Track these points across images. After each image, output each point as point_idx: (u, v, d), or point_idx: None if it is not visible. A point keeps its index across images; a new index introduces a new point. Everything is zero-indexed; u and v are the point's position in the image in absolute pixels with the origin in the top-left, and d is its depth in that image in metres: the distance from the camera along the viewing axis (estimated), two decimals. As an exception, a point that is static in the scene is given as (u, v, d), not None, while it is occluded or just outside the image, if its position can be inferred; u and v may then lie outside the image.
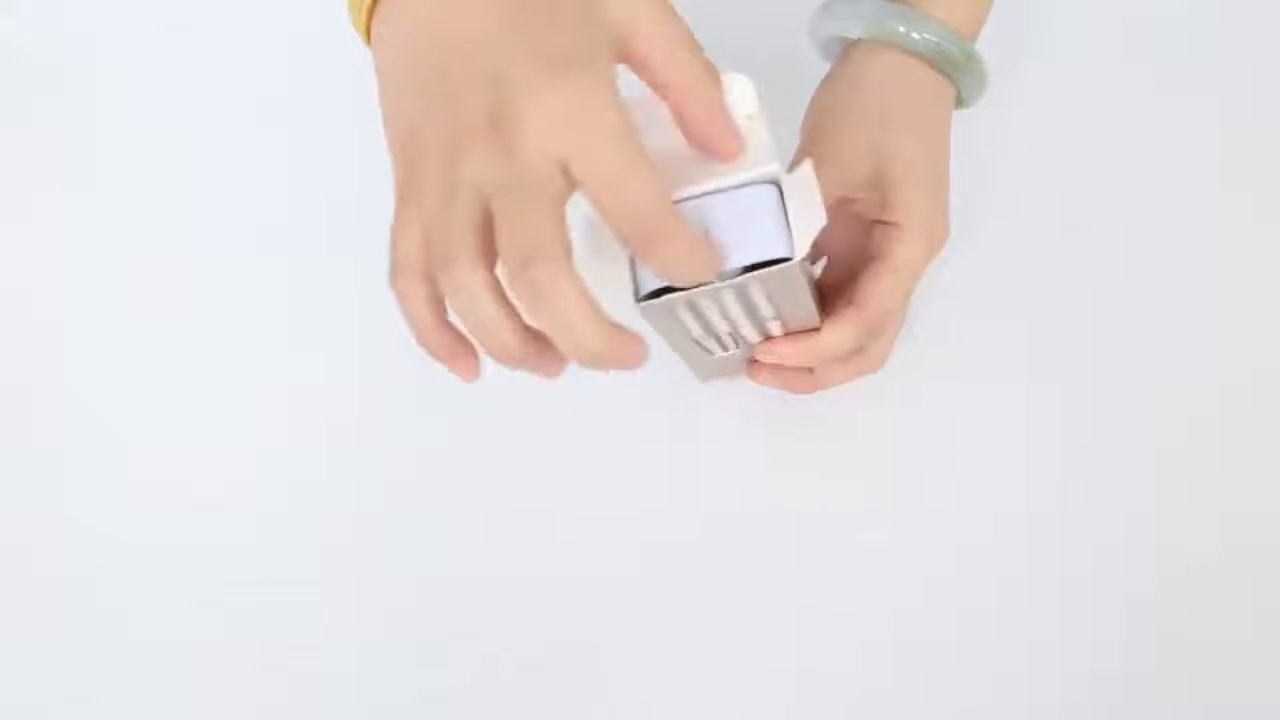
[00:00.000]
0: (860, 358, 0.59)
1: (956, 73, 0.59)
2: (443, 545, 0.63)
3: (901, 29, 0.58)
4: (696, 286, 0.47)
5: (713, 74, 0.45)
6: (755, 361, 0.59)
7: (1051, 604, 0.60)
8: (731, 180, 0.47)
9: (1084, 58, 0.71)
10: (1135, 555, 0.61)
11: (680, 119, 0.45)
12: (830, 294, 0.58)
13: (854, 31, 0.60)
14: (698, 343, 0.55)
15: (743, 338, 0.56)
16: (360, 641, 0.61)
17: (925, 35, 0.58)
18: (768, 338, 0.57)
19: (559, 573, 0.61)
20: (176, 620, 0.62)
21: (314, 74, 0.72)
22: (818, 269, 0.61)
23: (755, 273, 0.47)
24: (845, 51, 0.60)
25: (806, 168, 0.48)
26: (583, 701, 0.60)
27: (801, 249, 0.47)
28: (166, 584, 0.63)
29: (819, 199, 0.47)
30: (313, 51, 0.71)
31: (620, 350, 0.42)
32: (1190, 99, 0.69)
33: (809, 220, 0.47)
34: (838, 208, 0.57)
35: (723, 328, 0.54)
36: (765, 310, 0.53)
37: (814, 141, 0.58)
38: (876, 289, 0.56)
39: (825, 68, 0.61)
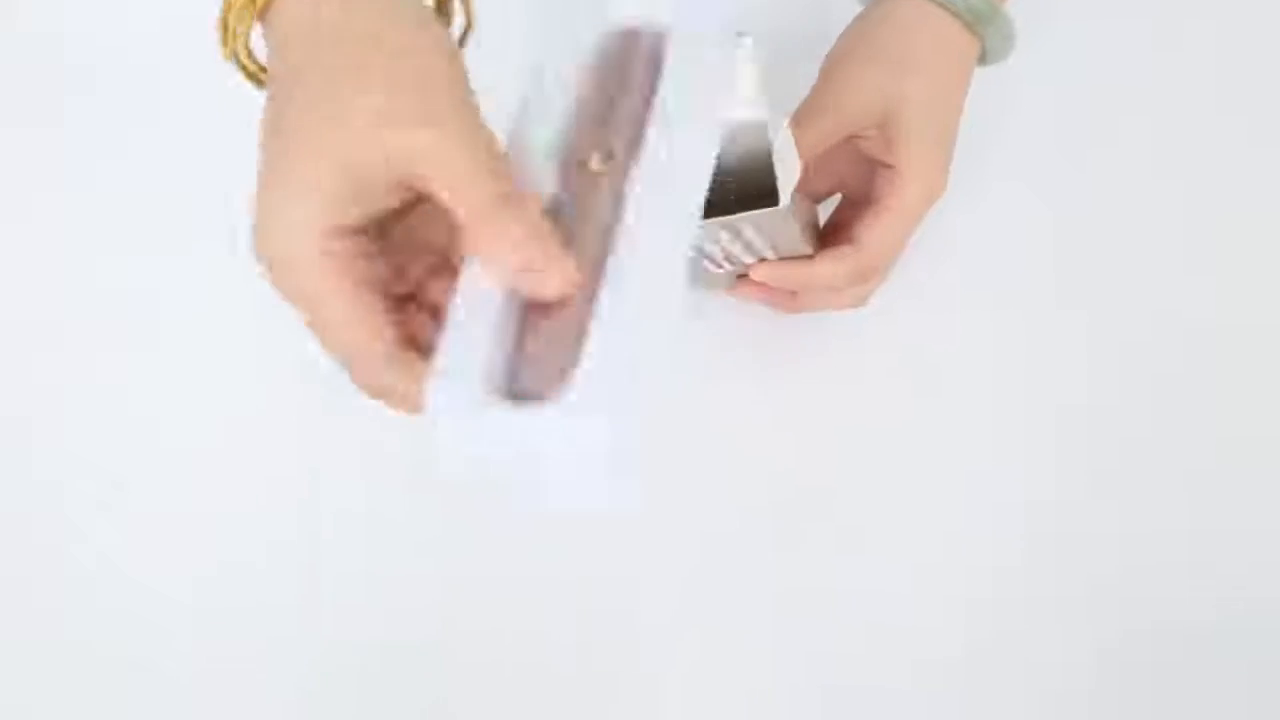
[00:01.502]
0: (846, 293, 0.61)
1: (982, 27, 0.59)
2: (443, 545, 0.63)
3: None
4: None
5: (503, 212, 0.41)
6: (743, 278, 0.62)
7: (1053, 599, 0.60)
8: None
9: (1110, 25, 0.71)
10: (1141, 546, 0.61)
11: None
12: (836, 229, 0.61)
13: None
14: (702, 258, 0.60)
15: (738, 259, 0.59)
16: (360, 643, 0.61)
17: None
18: (761, 259, 0.60)
19: (558, 575, 0.61)
20: (175, 636, 0.62)
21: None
22: (830, 205, 0.63)
23: (745, 213, 0.53)
24: None
25: (786, 130, 0.54)
26: (585, 702, 0.60)
27: (785, 199, 0.53)
28: (166, 585, 0.63)
29: (796, 155, 0.54)
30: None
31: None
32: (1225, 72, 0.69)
33: (789, 173, 0.54)
34: (845, 144, 0.59)
35: (717, 253, 0.58)
36: (758, 243, 0.57)
37: (829, 75, 0.59)
38: (873, 231, 0.58)
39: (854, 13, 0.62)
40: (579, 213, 0.44)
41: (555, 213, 0.43)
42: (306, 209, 0.40)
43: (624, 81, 0.46)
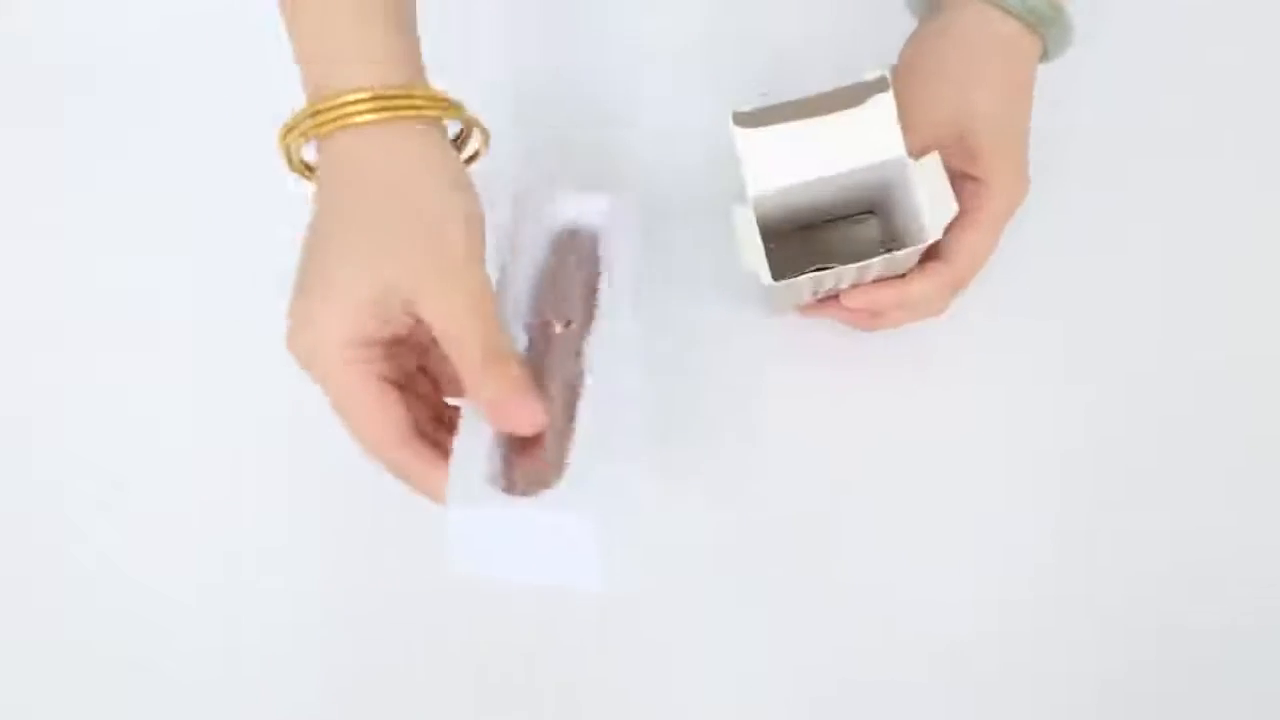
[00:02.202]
0: (933, 306, 0.61)
1: (1045, 28, 0.59)
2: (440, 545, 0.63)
3: None
4: (828, 267, 0.57)
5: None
6: (826, 300, 0.61)
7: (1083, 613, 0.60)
8: (863, 162, 0.56)
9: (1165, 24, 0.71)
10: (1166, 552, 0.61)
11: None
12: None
13: None
14: (799, 296, 0.61)
15: (834, 287, 0.60)
16: (361, 643, 0.61)
17: None
18: (854, 284, 0.60)
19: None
20: (175, 636, 0.62)
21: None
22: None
23: (883, 255, 0.56)
24: (933, 7, 0.61)
25: (935, 158, 0.56)
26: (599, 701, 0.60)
27: (934, 234, 0.56)
28: (166, 586, 0.63)
29: (949, 188, 0.56)
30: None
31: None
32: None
33: (942, 207, 0.56)
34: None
35: (829, 286, 0.60)
36: (874, 273, 0.59)
37: (899, 95, 0.58)
38: (962, 245, 0.58)
39: (910, 25, 0.62)
40: (546, 364, 0.54)
41: (528, 362, 0.53)
42: (332, 319, 0.49)
43: (576, 262, 0.58)
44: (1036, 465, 0.63)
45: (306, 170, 0.54)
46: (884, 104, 0.56)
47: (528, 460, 0.51)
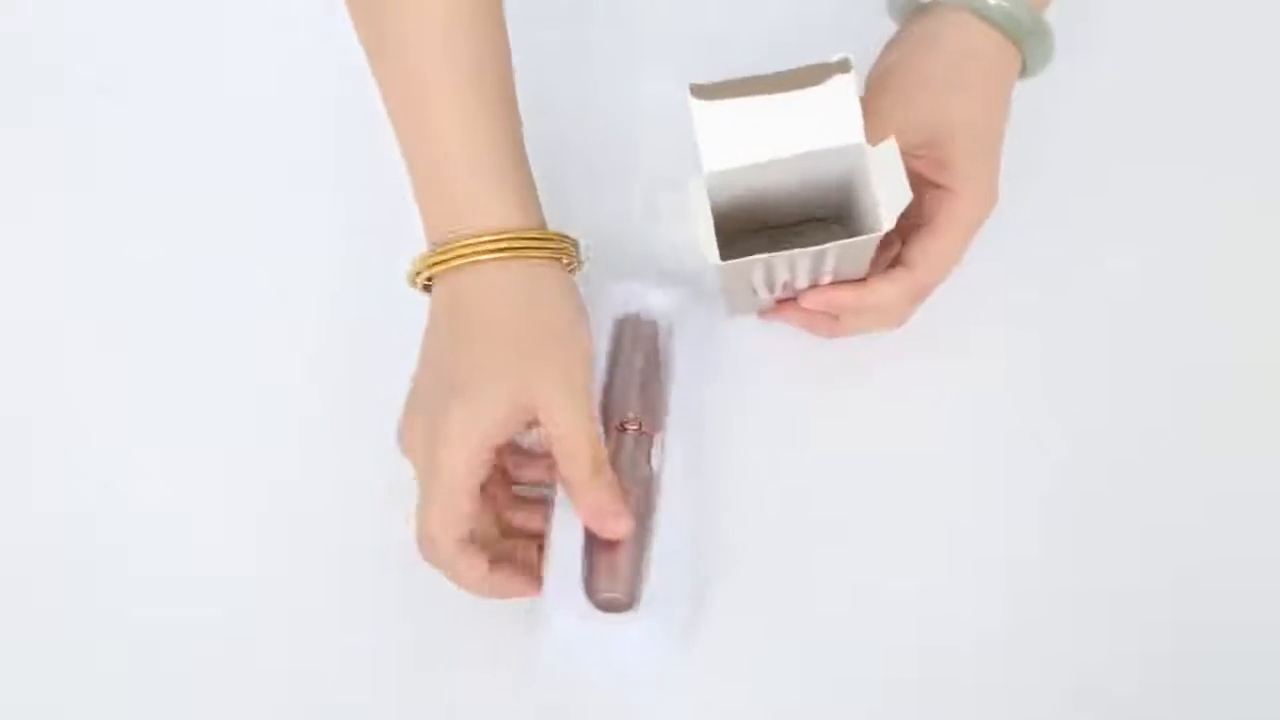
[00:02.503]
0: (893, 314, 0.60)
1: (1025, 40, 0.59)
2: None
3: None
4: (779, 250, 0.54)
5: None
6: (784, 302, 0.61)
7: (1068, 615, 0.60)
8: (821, 145, 0.54)
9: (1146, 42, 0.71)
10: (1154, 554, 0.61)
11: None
12: (880, 250, 0.58)
13: None
14: (752, 289, 0.59)
15: (790, 285, 0.59)
16: (363, 643, 0.61)
17: (999, 1, 0.58)
18: (813, 285, 0.59)
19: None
20: (174, 620, 0.62)
21: (312, 73, 0.72)
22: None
23: (837, 242, 0.54)
24: (915, 13, 0.61)
25: (891, 144, 0.54)
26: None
27: (888, 223, 0.53)
28: (166, 586, 0.63)
29: (904, 176, 0.53)
30: (314, 51, 0.71)
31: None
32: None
33: (895, 196, 0.53)
34: None
35: (783, 279, 0.58)
36: (829, 266, 0.57)
37: (876, 98, 0.58)
38: (927, 253, 0.58)
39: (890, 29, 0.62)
40: (620, 463, 0.59)
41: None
42: (476, 428, 0.54)
43: (639, 355, 0.63)
44: (1024, 470, 0.63)
45: (425, 288, 0.58)
46: (845, 86, 0.54)
47: (607, 564, 0.57)
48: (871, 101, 0.58)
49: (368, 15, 0.58)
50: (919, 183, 0.57)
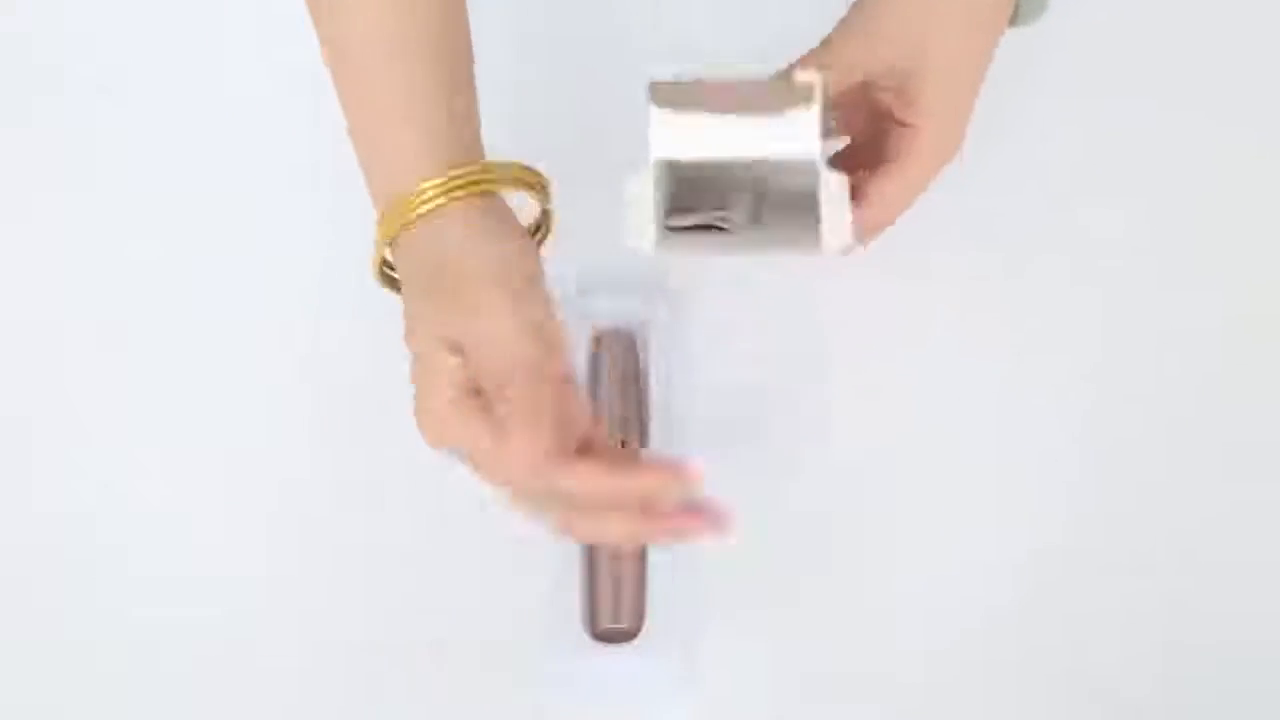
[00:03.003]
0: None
1: None
2: (449, 545, 0.63)
3: None
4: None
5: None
6: None
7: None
8: (775, 151, 0.51)
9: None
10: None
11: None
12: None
13: None
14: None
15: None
16: (364, 643, 0.61)
17: None
18: None
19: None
20: (173, 621, 0.62)
21: (313, 73, 0.71)
22: (836, 145, 0.60)
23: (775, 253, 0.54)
24: None
25: (842, 179, 0.51)
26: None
27: (830, 250, 0.51)
28: (165, 586, 0.63)
29: (849, 213, 0.51)
30: (315, 51, 0.71)
31: None
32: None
33: (838, 227, 0.51)
34: (860, 92, 0.57)
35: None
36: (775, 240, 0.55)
37: (852, 17, 0.57)
38: (883, 192, 0.56)
39: None
40: None
41: None
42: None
43: (618, 375, 0.63)
44: (1036, 464, 0.63)
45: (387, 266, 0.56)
46: (810, 114, 0.52)
47: (610, 593, 0.57)
48: (847, 19, 0.57)
49: None
50: (884, 117, 0.56)
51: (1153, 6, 0.69)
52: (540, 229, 0.58)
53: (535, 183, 0.56)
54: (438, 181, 0.53)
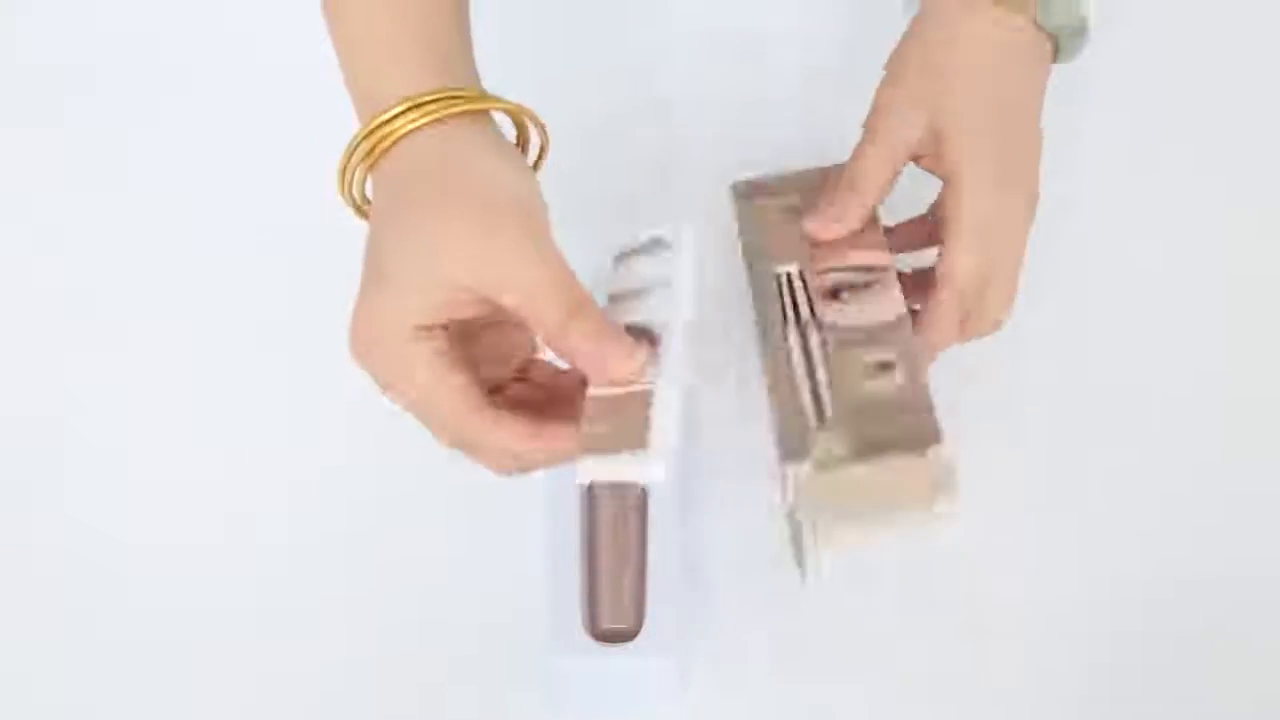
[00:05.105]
0: (969, 326, 0.57)
1: (1065, 39, 0.57)
2: (450, 544, 0.63)
3: None
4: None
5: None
6: None
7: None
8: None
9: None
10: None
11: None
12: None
13: None
14: None
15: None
16: (366, 642, 0.61)
17: None
18: None
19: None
20: (174, 621, 0.62)
21: (314, 73, 0.72)
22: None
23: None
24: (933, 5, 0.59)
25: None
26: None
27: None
28: (165, 585, 0.63)
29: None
30: (316, 50, 0.71)
31: None
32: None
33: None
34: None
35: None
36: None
37: (875, 100, 0.57)
38: (947, 258, 0.55)
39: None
40: (608, 488, 0.59)
41: (589, 495, 0.59)
42: (401, 308, 0.48)
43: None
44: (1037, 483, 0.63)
45: (366, 205, 0.54)
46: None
47: (610, 593, 0.58)
48: (872, 107, 0.57)
49: None
50: (938, 207, 0.56)
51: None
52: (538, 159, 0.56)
53: (531, 116, 0.54)
54: (434, 91, 0.51)
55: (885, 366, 0.52)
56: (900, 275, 0.56)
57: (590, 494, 0.61)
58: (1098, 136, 0.70)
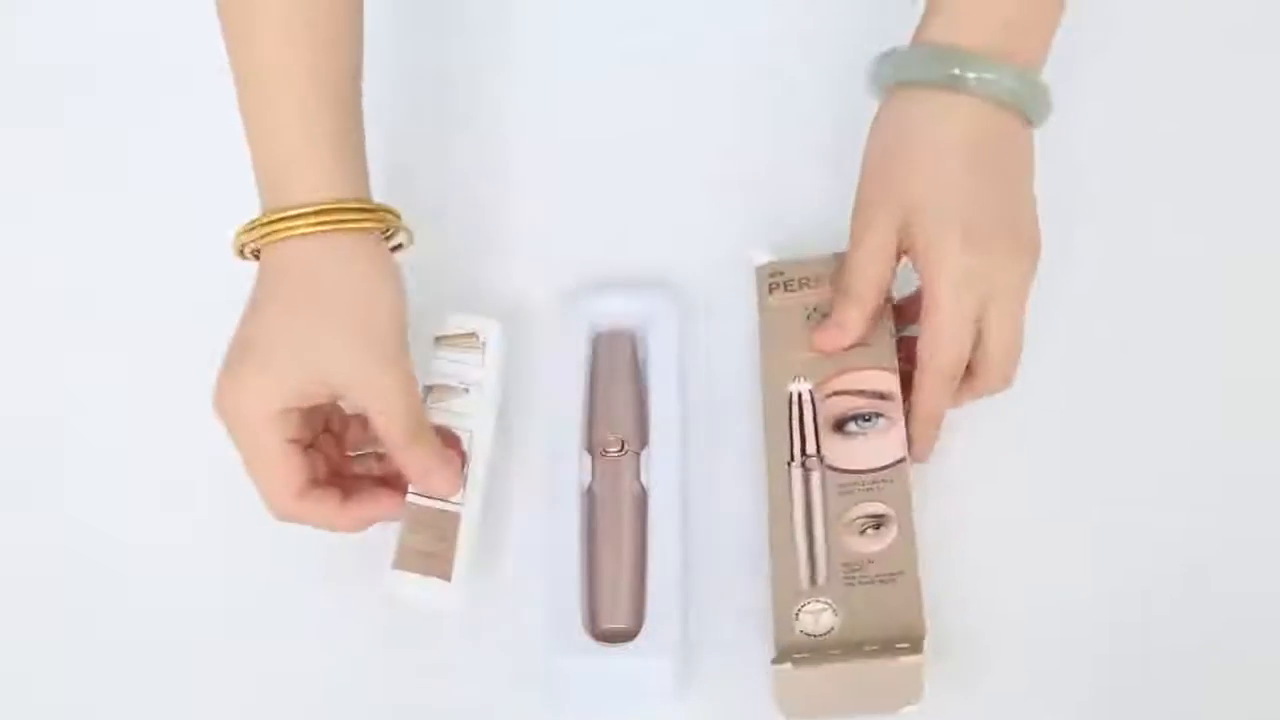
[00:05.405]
0: (967, 390, 0.60)
1: (1025, 103, 0.58)
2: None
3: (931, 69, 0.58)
4: None
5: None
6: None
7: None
8: None
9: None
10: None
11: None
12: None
13: (890, 78, 0.60)
14: None
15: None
16: (358, 640, 0.61)
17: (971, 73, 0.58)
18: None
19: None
20: (174, 621, 0.62)
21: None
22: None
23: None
24: (885, 95, 0.61)
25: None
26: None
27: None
28: (165, 585, 0.63)
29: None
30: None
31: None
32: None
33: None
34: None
35: None
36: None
37: (857, 190, 0.60)
38: (923, 337, 0.58)
39: None
40: (609, 490, 0.61)
41: (590, 496, 0.61)
42: (268, 387, 0.55)
43: (620, 370, 0.64)
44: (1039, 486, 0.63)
45: (254, 256, 0.59)
46: None
47: (609, 593, 0.58)
48: (857, 195, 0.60)
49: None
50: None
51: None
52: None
53: (400, 224, 0.61)
54: (338, 204, 0.57)
55: (879, 522, 0.57)
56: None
57: (590, 494, 0.61)
58: (1097, 138, 0.70)
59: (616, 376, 0.64)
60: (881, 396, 0.60)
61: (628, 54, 0.74)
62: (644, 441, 0.62)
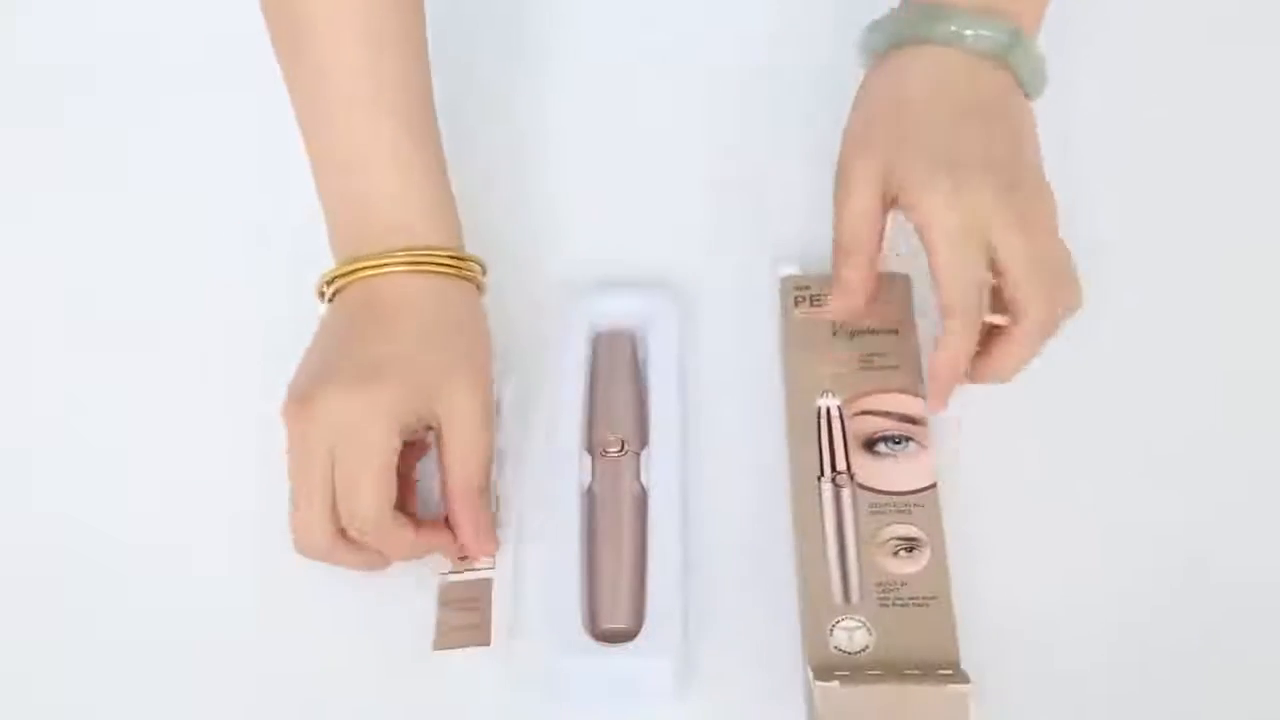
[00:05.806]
0: (959, 359, 0.57)
1: (1007, 56, 0.57)
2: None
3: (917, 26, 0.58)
4: None
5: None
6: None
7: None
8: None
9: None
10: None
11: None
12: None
13: (881, 43, 0.60)
14: None
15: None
16: (358, 640, 0.61)
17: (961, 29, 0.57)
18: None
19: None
20: (174, 621, 0.62)
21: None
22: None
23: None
24: (878, 56, 0.60)
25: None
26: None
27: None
28: (165, 585, 0.63)
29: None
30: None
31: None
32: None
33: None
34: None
35: None
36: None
37: (839, 156, 0.59)
38: (936, 275, 0.55)
39: None
40: (609, 490, 0.61)
41: (590, 496, 0.61)
42: (392, 401, 0.56)
43: (621, 369, 0.64)
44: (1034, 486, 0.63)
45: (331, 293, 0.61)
46: None
47: (610, 593, 0.58)
48: (838, 160, 0.58)
49: (281, 15, 0.61)
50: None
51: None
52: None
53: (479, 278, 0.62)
54: (430, 249, 0.59)
55: (912, 545, 0.57)
56: None
57: (590, 494, 0.61)
58: (1096, 139, 0.70)
59: (616, 376, 0.64)
60: (911, 421, 0.60)
61: (628, 54, 0.75)
62: (644, 441, 0.62)
